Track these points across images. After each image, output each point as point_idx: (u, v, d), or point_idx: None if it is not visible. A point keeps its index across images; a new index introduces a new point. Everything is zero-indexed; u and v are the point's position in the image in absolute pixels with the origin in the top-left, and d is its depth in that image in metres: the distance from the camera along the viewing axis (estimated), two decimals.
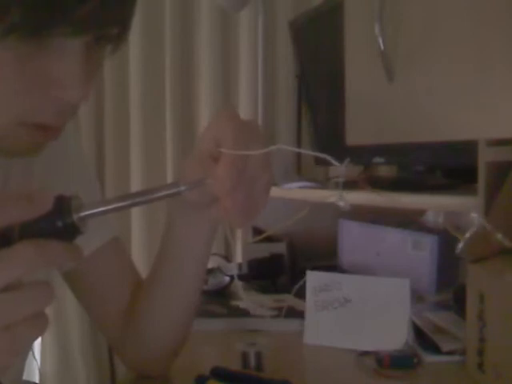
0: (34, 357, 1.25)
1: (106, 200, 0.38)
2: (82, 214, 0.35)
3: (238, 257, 1.27)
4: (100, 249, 0.64)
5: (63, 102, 0.41)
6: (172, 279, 0.61)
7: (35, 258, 0.32)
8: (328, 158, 0.40)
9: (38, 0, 0.35)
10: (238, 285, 1.09)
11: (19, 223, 0.33)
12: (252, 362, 0.68)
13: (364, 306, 0.80)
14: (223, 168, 0.42)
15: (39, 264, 0.32)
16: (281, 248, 1.13)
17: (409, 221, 1.01)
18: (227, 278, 1.05)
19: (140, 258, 1.62)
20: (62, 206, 0.34)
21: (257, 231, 1.26)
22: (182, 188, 0.39)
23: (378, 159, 1.03)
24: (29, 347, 0.34)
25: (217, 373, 0.62)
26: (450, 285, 0.90)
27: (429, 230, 0.96)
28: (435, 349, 0.73)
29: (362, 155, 1.05)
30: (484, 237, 0.67)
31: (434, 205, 0.85)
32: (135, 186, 1.65)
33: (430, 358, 0.72)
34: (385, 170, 1.10)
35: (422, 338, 0.76)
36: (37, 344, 1.74)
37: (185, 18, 1.60)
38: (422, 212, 1.02)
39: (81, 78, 0.40)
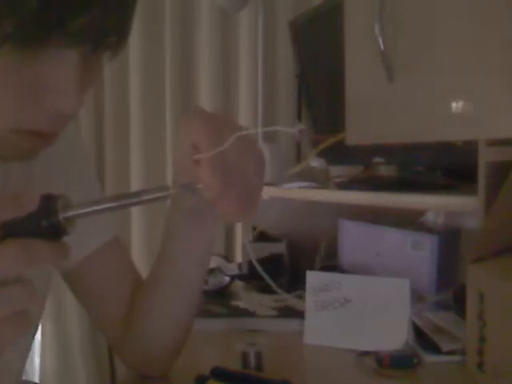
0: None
1: (93, 200, 0.37)
2: (68, 214, 0.35)
3: (238, 257, 1.27)
4: (100, 248, 0.64)
5: (58, 111, 0.40)
6: (173, 281, 0.61)
7: (19, 257, 0.32)
8: (279, 128, 0.41)
9: (31, 12, 0.35)
10: (238, 285, 1.09)
11: (4, 222, 0.33)
12: (252, 361, 0.68)
13: (364, 305, 0.80)
14: (206, 173, 0.42)
15: (23, 262, 0.32)
16: (281, 248, 1.13)
17: (409, 221, 1.01)
18: (227, 278, 1.05)
19: (140, 258, 1.62)
20: (48, 205, 0.34)
21: (257, 231, 1.26)
22: (171, 191, 0.38)
23: (377, 159, 1.03)
24: (9, 346, 0.34)
25: (217, 373, 0.62)
26: (449, 285, 0.89)
27: (429, 229, 0.96)
28: (435, 349, 0.73)
29: (361, 155, 1.05)
30: (484, 237, 0.68)
31: (434, 205, 0.85)
32: (135, 186, 1.65)
33: (429, 358, 0.72)
34: (385, 170, 1.10)
35: (422, 338, 0.76)
36: (37, 343, 1.74)
37: (185, 18, 1.60)
38: (422, 212, 1.02)
39: (76, 88, 0.39)
